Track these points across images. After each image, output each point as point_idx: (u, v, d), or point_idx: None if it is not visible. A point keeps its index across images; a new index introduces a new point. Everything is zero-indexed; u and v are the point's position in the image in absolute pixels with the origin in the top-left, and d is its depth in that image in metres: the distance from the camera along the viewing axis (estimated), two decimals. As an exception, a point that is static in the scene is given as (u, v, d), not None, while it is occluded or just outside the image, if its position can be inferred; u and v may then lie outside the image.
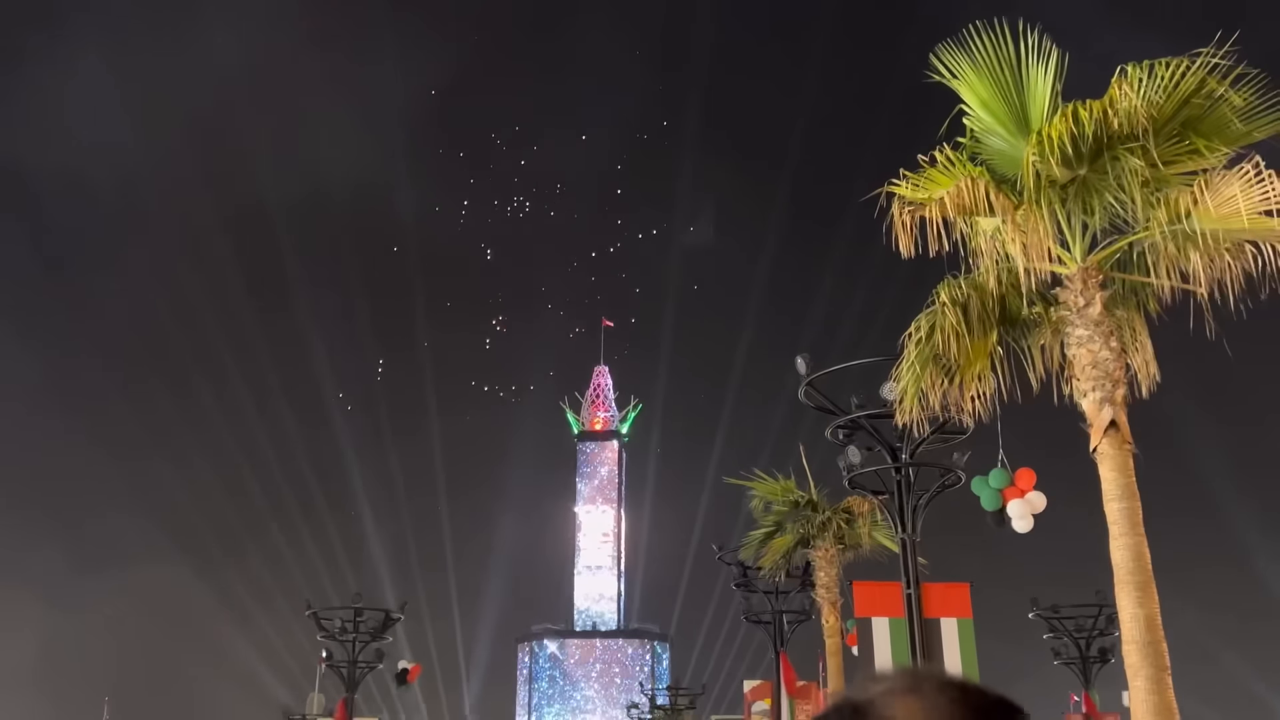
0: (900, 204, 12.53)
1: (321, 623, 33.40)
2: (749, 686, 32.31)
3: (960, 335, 12.58)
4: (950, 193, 12.10)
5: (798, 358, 18.75)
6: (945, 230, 12.34)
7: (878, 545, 24.11)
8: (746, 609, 30.37)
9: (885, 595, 17.57)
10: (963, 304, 12.77)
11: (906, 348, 13.05)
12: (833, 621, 24.00)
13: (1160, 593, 11.29)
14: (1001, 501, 14.29)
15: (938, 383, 12.93)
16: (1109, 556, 11.52)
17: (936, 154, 12.53)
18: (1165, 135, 11.77)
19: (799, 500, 24.66)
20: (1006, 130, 12.62)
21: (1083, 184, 12.18)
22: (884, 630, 17.23)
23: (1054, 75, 12.29)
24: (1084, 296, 12.11)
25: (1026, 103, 12.48)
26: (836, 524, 24.01)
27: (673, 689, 61.39)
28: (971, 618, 17.41)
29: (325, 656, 34.06)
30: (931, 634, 17.10)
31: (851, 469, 18.70)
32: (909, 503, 17.99)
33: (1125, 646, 11.23)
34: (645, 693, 68.88)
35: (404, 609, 34.24)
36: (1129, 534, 11.37)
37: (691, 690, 57.94)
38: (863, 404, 18.57)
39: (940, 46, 12.73)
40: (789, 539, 24.70)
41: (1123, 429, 11.71)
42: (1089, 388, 11.90)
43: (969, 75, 12.62)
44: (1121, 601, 11.28)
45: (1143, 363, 12.41)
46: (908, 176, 12.62)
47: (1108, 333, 12.01)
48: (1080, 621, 32.56)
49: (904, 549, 17.73)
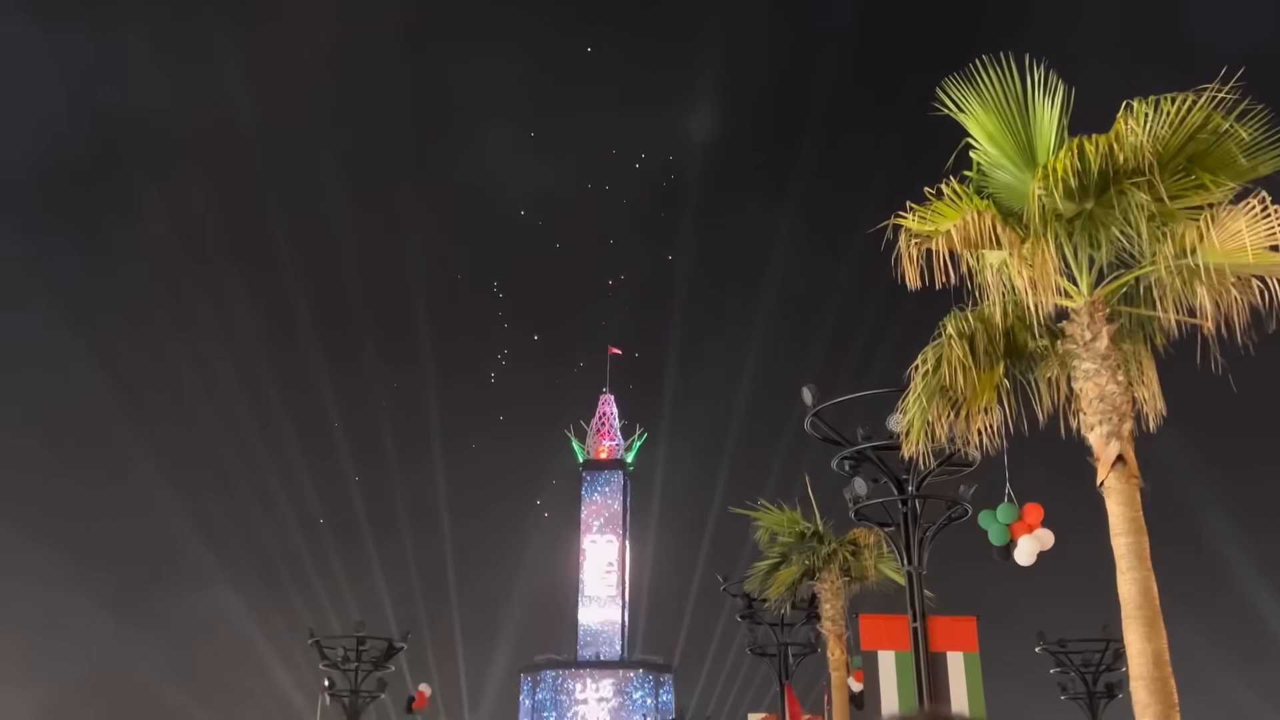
0: (907, 236, 12.57)
1: (324, 651, 33.29)
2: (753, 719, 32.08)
3: (967, 368, 12.59)
4: (957, 226, 12.15)
5: (804, 388, 18.75)
6: (952, 263, 12.38)
7: (884, 578, 24.02)
8: (751, 641, 30.22)
9: (891, 629, 17.47)
10: (969, 337, 12.77)
11: (913, 380, 13.05)
12: (838, 654, 23.87)
13: (1168, 627, 11.25)
14: (1009, 537, 14.22)
15: (944, 415, 12.91)
16: (1116, 591, 11.49)
17: (943, 187, 12.59)
18: (1171, 170, 11.82)
19: (805, 531, 24.59)
20: (1013, 164, 12.67)
21: (1089, 218, 12.22)
22: (890, 664, 17.12)
23: (1060, 109, 12.35)
24: (1091, 330, 12.13)
25: (1033, 136, 12.53)
26: (842, 556, 23.92)
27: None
28: (978, 652, 17.30)
29: (327, 685, 33.92)
30: (938, 668, 17.00)
31: (858, 501, 18.66)
32: (915, 535, 17.95)
33: (1133, 683, 11.17)
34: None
35: (407, 638, 34.11)
36: (1136, 568, 11.33)
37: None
38: (869, 435, 18.55)
39: (947, 80, 12.82)
40: (794, 570, 24.61)
41: (1130, 463, 11.69)
42: (1096, 421, 11.89)
43: (975, 109, 12.68)
44: (1129, 637, 11.22)
45: (1149, 396, 12.41)
46: (914, 209, 12.66)
47: (1115, 366, 12.01)
48: (1087, 656, 32.38)
49: (910, 582, 17.66)
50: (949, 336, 12.81)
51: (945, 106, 12.80)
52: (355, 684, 32.46)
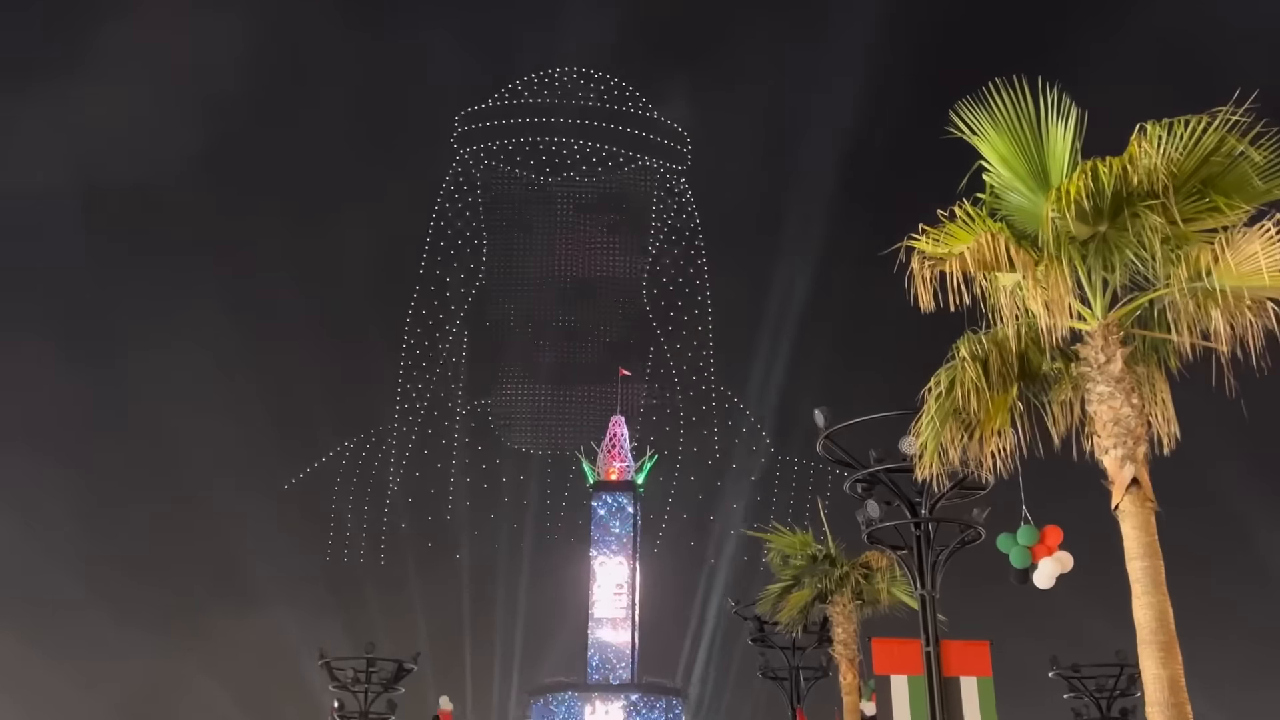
0: (920, 259, 12.55)
1: (334, 672, 33.19)
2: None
3: (980, 390, 12.54)
4: (970, 248, 12.13)
5: (816, 411, 18.69)
6: (965, 285, 12.36)
7: (896, 601, 23.86)
8: (763, 664, 30.05)
9: (904, 653, 17.34)
10: (982, 359, 12.73)
11: (926, 402, 13.00)
12: (850, 678, 23.71)
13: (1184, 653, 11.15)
14: (1031, 559, 14.08)
15: (957, 438, 12.86)
16: (1130, 615, 11.40)
17: (956, 209, 12.58)
18: (1185, 192, 11.79)
19: (817, 554, 24.47)
20: (1026, 186, 12.66)
21: (1103, 240, 12.19)
22: (903, 688, 17.00)
23: (1074, 132, 12.34)
24: (1105, 353, 12.07)
25: (1046, 159, 12.52)
26: (855, 579, 23.79)
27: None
28: (991, 676, 17.17)
29: (337, 707, 33.81)
30: (951, 693, 16.87)
31: (870, 524, 18.56)
32: (928, 558, 17.85)
33: (1149, 709, 11.06)
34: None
35: (416, 660, 34.01)
36: (1151, 593, 11.24)
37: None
38: (881, 458, 18.47)
39: (960, 103, 12.83)
40: (807, 594, 24.48)
41: (1145, 486, 11.62)
42: (1110, 445, 11.82)
43: (989, 131, 12.69)
44: (1145, 663, 11.12)
45: (1163, 420, 12.34)
46: (928, 231, 12.65)
47: (1129, 389, 11.95)
48: (1101, 681, 32.13)
49: (923, 605, 17.55)
50: (962, 359, 12.77)
51: (958, 129, 12.81)
52: (365, 706, 32.35)
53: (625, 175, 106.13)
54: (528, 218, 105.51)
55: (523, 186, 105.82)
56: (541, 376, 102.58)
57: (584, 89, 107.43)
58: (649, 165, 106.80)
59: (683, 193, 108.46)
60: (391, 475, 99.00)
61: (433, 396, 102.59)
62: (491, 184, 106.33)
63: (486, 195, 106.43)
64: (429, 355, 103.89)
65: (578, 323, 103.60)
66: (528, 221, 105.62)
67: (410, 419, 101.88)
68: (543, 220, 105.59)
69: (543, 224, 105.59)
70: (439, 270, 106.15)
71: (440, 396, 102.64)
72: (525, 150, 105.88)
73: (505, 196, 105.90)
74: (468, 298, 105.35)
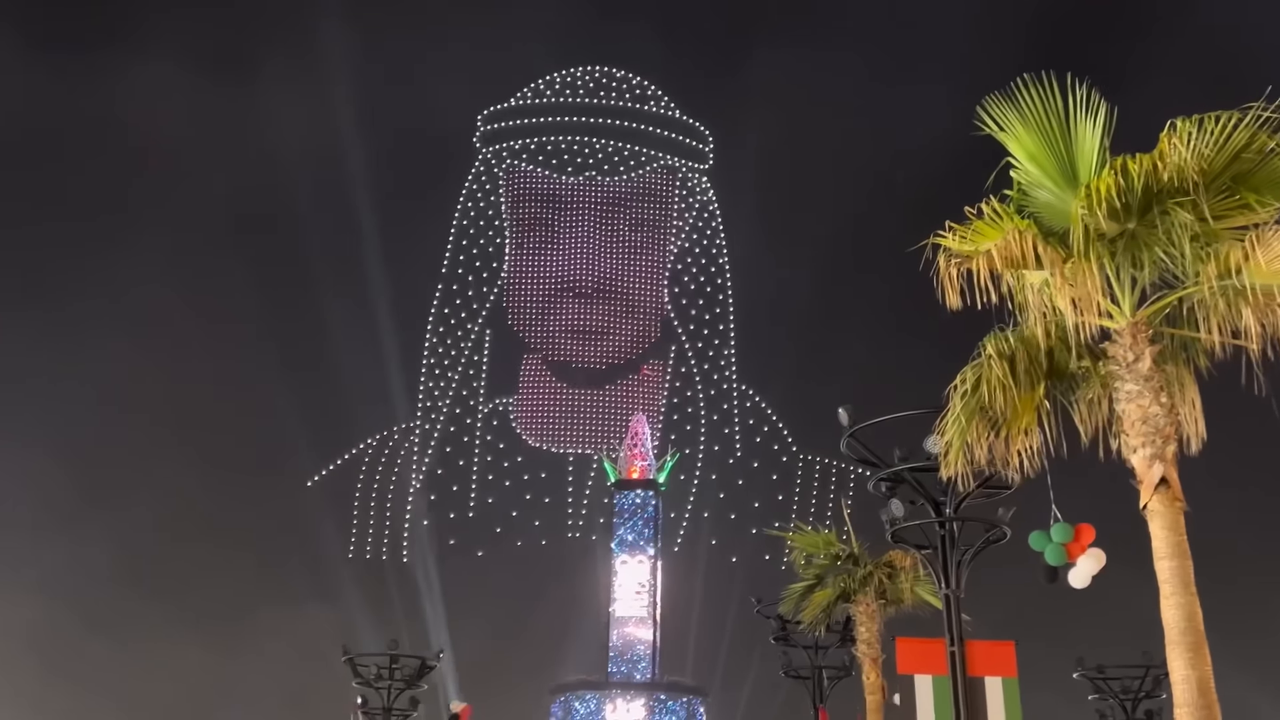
0: (947, 256, 12.49)
1: (357, 668, 33.32)
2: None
3: (1007, 389, 12.47)
4: (998, 245, 12.07)
5: (840, 409, 18.63)
6: (993, 283, 12.30)
7: (920, 601, 23.78)
8: (785, 663, 30.00)
9: (928, 652, 17.28)
10: (1009, 357, 12.67)
11: (952, 400, 12.93)
12: (874, 678, 23.64)
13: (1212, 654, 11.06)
14: (1067, 557, 13.93)
15: (983, 436, 12.79)
16: (1158, 615, 11.31)
17: (983, 206, 12.51)
18: (1215, 189, 11.70)
19: (840, 554, 24.42)
20: (1054, 183, 12.58)
21: (1131, 238, 12.10)
22: (926, 689, 16.93)
23: (1103, 128, 12.25)
24: (1133, 351, 11.99)
25: (1074, 156, 12.44)
26: (878, 578, 23.72)
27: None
28: (1016, 677, 17.09)
29: (360, 703, 33.94)
30: (975, 693, 16.80)
31: (894, 523, 18.49)
32: (953, 558, 17.77)
33: (1177, 710, 10.98)
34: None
35: (439, 657, 34.09)
36: (1180, 593, 11.16)
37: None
38: (906, 457, 18.39)
39: (988, 98, 12.75)
40: (830, 593, 24.43)
41: (1173, 486, 11.53)
42: (1139, 444, 11.74)
43: (1016, 128, 12.61)
44: (1173, 663, 11.04)
45: (1192, 419, 12.24)
46: (954, 228, 12.58)
47: (1158, 388, 11.86)
48: (1126, 683, 31.93)
49: (947, 605, 17.47)
50: (989, 357, 12.70)
51: (985, 125, 12.74)
52: (388, 702, 32.46)
53: (648, 174, 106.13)
54: (550, 216, 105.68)
55: (545, 185, 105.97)
56: (563, 375, 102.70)
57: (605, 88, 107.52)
58: (672, 164, 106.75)
59: (705, 190, 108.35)
60: (414, 472, 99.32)
61: (455, 394, 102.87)
62: (514, 182, 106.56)
63: (509, 193, 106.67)
64: (451, 353, 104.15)
65: (600, 321, 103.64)
66: (550, 220, 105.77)
67: (433, 417, 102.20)
68: (564, 219, 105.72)
69: (565, 223, 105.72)
70: (461, 268, 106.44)
71: (462, 394, 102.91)
72: (548, 149, 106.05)
73: (527, 195, 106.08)
74: (490, 295, 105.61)
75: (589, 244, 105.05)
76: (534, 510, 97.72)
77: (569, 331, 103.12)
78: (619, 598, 77.05)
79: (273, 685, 72.65)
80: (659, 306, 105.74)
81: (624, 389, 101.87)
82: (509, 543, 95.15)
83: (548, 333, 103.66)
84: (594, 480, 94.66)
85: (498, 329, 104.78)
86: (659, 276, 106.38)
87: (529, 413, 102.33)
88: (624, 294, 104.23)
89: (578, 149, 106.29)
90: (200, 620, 77.37)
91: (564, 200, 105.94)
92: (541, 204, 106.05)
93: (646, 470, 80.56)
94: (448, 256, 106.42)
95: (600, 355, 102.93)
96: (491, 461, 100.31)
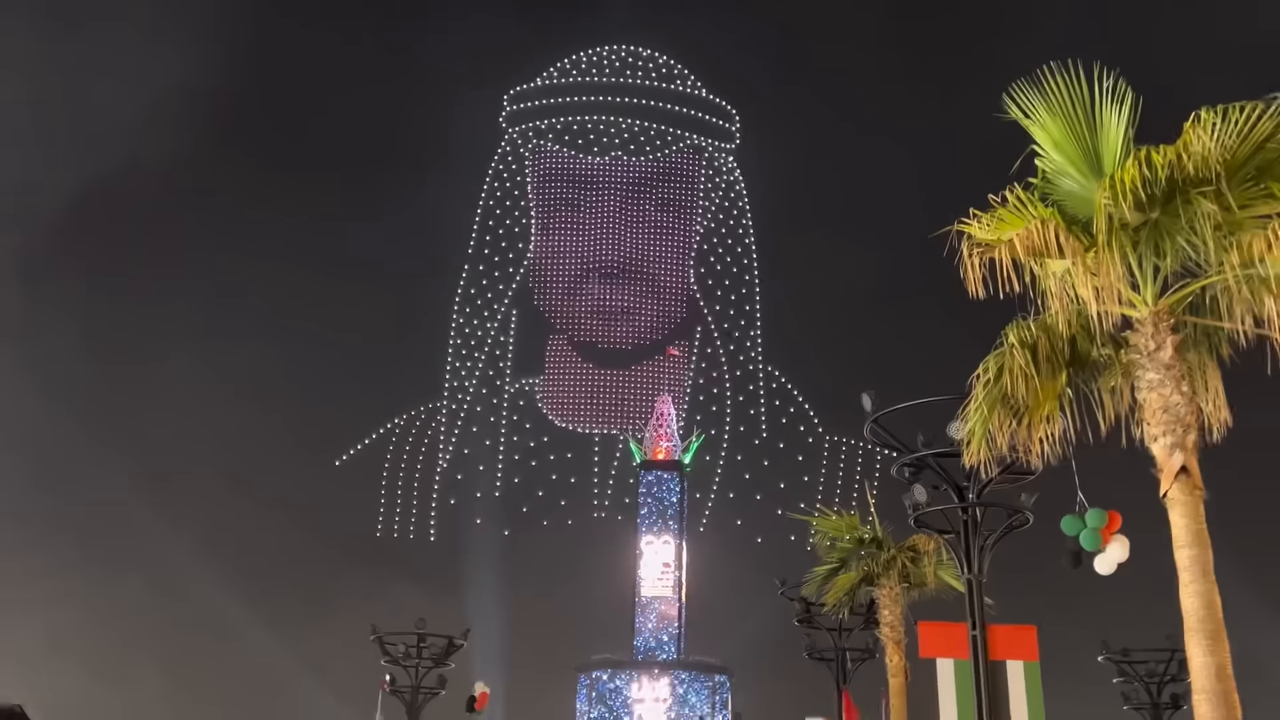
0: (970, 244, 12.55)
1: (386, 647, 33.68)
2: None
3: (1029, 377, 12.53)
4: (1020, 234, 12.12)
5: (864, 395, 18.71)
6: (1015, 272, 12.35)
7: (943, 585, 23.87)
8: (809, 645, 30.16)
9: (950, 636, 17.40)
10: (1031, 346, 12.72)
11: (974, 389, 13.00)
12: (896, 660, 23.78)
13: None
14: (1101, 542, 13.98)
15: (1005, 424, 12.87)
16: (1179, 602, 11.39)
17: (1007, 194, 12.55)
18: (1239, 179, 11.71)
19: (863, 537, 24.52)
20: (1078, 171, 12.61)
21: (1154, 227, 12.12)
22: (949, 672, 17.07)
23: (1128, 118, 12.27)
24: (1155, 340, 12.03)
25: (1099, 145, 12.46)
26: (901, 562, 23.82)
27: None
28: (1038, 661, 17.20)
29: (389, 681, 34.32)
30: (997, 677, 16.92)
31: (917, 508, 18.58)
32: (975, 543, 17.85)
33: (1195, 696, 11.08)
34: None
35: (466, 635, 34.43)
36: (1199, 580, 11.24)
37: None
38: (929, 442, 18.46)
39: (1014, 86, 12.78)
40: (853, 576, 24.55)
41: (1194, 474, 11.59)
42: (1159, 432, 11.80)
43: (1042, 116, 12.64)
44: (1191, 650, 11.13)
45: (1214, 408, 12.28)
46: (978, 216, 12.63)
47: (1179, 377, 11.90)
48: (1151, 666, 31.90)
49: (969, 590, 17.57)
50: (1011, 345, 12.76)
51: (1011, 112, 12.77)
52: (416, 680, 32.82)
53: (675, 154, 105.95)
54: (576, 196, 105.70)
55: (572, 165, 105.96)
56: (589, 355, 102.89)
57: (633, 67, 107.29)
58: (698, 143, 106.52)
59: (731, 170, 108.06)
60: (441, 452, 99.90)
61: (481, 375, 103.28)
62: (540, 162, 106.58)
63: (535, 173, 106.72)
64: (478, 334, 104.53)
65: (627, 302, 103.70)
66: (576, 200, 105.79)
67: (459, 397, 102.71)
68: (591, 199, 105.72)
69: (591, 203, 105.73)
70: (487, 249, 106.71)
71: (489, 375, 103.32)
72: (574, 129, 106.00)
73: (554, 175, 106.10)
74: (516, 276, 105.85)
75: (615, 224, 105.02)
76: (560, 490, 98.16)
77: (595, 312, 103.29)
78: (644, 578, 77.38)
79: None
80: (685, 287, 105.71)
81: (650, 370, 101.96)
82: (535, 522, 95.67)
83: (574, 313, 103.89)
84: (620, 461, 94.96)
85: (524, 309, 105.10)
86: (685, 256, 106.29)
87: (555, 393, 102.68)
88: (650, 274, 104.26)
89: (603, 128, 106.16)
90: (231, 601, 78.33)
91: (590, 180, 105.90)
92: (567, 184, 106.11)
93: (672, 451, 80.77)
94: (474, 236, 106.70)
95: (626, 336, 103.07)
96: (518, 441, 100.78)
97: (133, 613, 76.07)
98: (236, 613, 76.73)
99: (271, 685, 74.29)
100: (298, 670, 74.02)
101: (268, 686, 74.39)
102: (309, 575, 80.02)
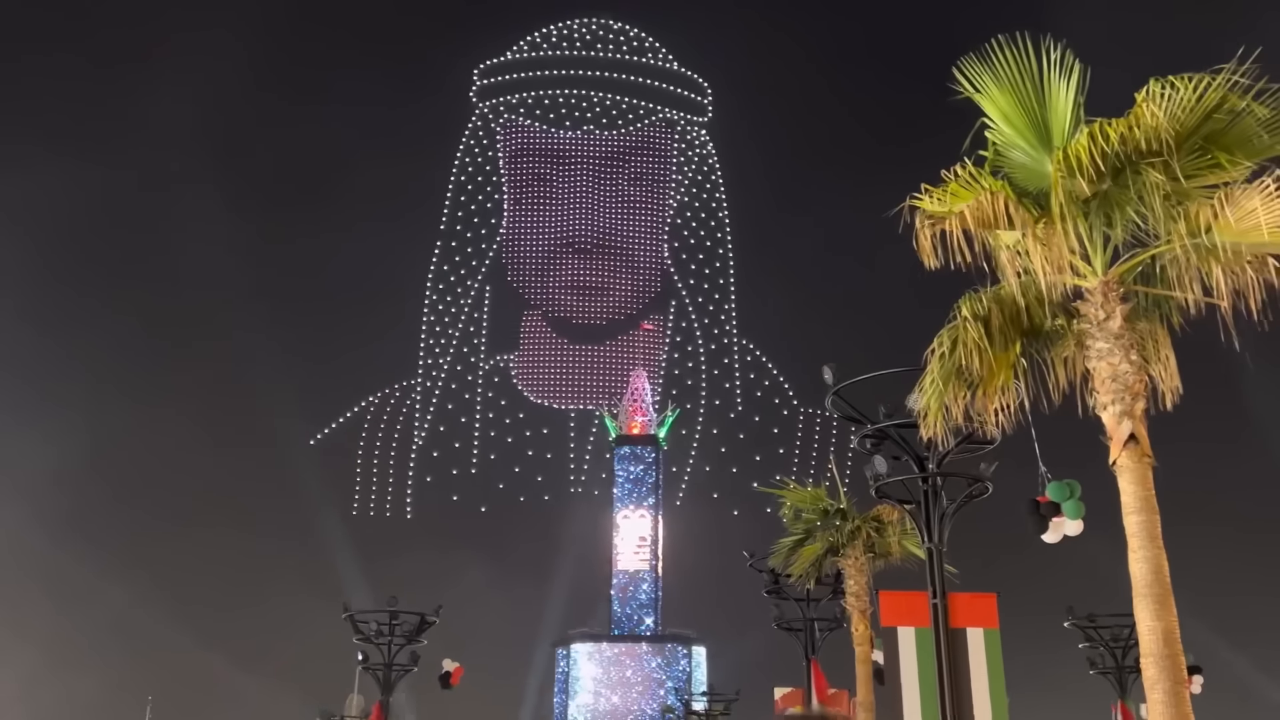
0: (922, 217, 12.64)
1: (358, 625, 33.72)
2: (780, 694, 32.29)
3: (982, 350, 12.62)
4: (970, 206, 12.20)
5: (825, 367, 18.84)
6: (967, 244, 12.43)
7: (908, 554, 24.11)
8: (778, 615, 30.41)
9: (911, 605, 17.57)
10: (984, 318, 12.81)
11: (929, 363, 13.10)
12: (862, 629, 24.02)
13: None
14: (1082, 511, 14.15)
15: (960, 396, 12.97)
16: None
17: (958, 168, 12.62)
18: (1187, 149, 11.81)
19: (828, 508, 24.71)
20: (1028, 143, 12.70)
21: (1104, 198, 12.22)
22: (909, 640, 17.24)
23: (1076, 89, 12.35)
24: (1104, 310, 12.15)
25: (1048, 116, 12.55)
26: (866, 532, 24.03)
27: (709, 694, 61.47)
28: (998, 628, 17.39)
29: (361, 659, 34.39)
30: (958, 644, 17.11)
31: (878, 479, 18.74)
32: (936, 512, 18.03)
33: (1143, 660, 11.27)
34: (682, 698, 68.97)
35: (438, 612, 34.45)
36: (1147, 547, 11.40)
37: (726, 696, 57.94)
38: (890, 413, 18.60)
39: (963, 60, 12.83)
40: (818, 547, 24.75)
41: (1142, 442, 11.74)
42: (1109, 400, 11.93)
43: (991, 88, 12.71)
44: (1140, 614, 11.31)
45: (1165, 375, 12.42)
46: (930, 191, 12.71)
47: (1128, 346, 12.03)
48: (1116, 631, 32.32)
49: (930, 558, 17.76)
50: (964, 319, 12.85)
51: (962, 86, 12.83)
52: (389, 658, 32.88)
53: (647, 127, 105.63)
54: (548, 171, 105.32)
55: (544, 139, 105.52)
56: (563, 331, 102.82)
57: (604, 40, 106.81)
58: (671, 116, 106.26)
59: (704, 144, 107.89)
60: (416, 430, 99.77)
61: (455, 352, 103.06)
62: (511, 137, 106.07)
63: (506, 148, 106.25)
64: (451, 311, 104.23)
65: (600, 277, 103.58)
66: (548, 175, 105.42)
67: (434, 374, 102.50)
68: (563, 173, 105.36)
69: (563, 178, 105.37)
70: (460, 225, 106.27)
71: (463, 351, 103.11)
72: (546, 103, 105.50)
73: (526, 150, 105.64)
74: (489, 252, 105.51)
75: (588, 199, 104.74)
76: (536, 466, 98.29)
77: (569, 287, 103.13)
78: (621, 551, 77.78)
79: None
80: (659, 261, 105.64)
81: (624, 345, 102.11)
82: (512, 498, 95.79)
83: (548, 289, 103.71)
84: (595, 436, 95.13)
85: (497, 285, 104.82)
86: (659, 230, 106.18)
87: (530, 369, 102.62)
88: (624, 249, 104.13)
89: (575, 102, 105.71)
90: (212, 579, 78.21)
91: (563, 155, 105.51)
92: (540, 159, 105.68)
93: (647, 426, 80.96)
94: (446, 212, 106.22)
95: (600, 311, 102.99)
96: (493, 418, 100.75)
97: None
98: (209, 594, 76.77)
99: (248, 663, 74.32)
100: (271, 653, 74.17)
101: (246, 664, 74.42)
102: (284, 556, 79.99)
